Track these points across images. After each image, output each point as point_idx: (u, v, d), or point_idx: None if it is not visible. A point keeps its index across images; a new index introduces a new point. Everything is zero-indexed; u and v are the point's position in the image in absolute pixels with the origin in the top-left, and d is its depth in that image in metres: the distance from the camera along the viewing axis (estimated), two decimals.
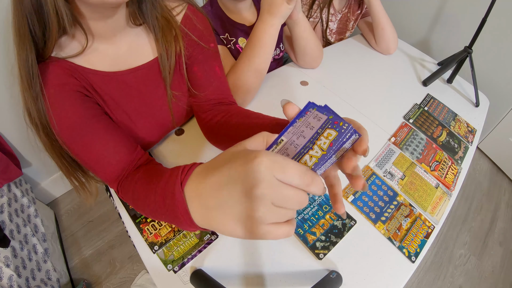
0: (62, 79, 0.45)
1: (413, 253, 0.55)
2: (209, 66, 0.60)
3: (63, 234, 1.29)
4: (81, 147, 0.47)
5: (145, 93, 0.56)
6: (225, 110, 0.61)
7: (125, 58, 0.52)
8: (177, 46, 0.54)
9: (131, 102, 0.55)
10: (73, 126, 0.45)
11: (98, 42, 0.48)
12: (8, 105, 1.01)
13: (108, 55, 0.50)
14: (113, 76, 0.51)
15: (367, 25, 1.05)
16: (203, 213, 0.29)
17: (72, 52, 0.45)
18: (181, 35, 0.54)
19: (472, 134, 0.81)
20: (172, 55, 0.54)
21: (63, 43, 0.45)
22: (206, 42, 0.59)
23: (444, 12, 1.52)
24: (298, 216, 0.57)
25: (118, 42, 0.50)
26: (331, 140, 0.27)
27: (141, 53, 0.53)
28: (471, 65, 0.92)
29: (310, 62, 0.89)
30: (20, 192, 1.07)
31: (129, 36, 0.51)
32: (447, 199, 0.65)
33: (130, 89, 0.54)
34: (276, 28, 0.67)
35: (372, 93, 0.86)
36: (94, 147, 0.47)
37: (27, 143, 1.14)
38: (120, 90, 0.52)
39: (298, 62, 0.90)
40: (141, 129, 0.58)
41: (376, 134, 0.75)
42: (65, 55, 0.45)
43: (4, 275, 0.81)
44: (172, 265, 0.51)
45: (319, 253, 0.53)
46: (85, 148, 0.47)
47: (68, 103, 0.45)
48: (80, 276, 1.18)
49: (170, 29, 0.53)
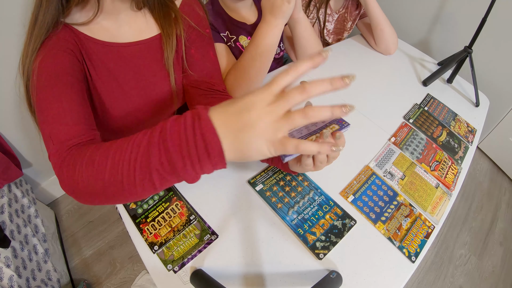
0: (62, 36, 0.49)
1: (413, 253, 0.55)
2: (205, 50, 0.64)
3: (64, 234, 1.30)
4: (46, 96, 0.46)
5: (140, 68, 0.59)
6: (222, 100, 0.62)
7: (125, 34, 0.56)
8: (177, 28, 0.58)
9: (126, 75, 0.58)
10: (52, 74, 0.47)
11: (102, 17, 0.52)
12: (8, 106, 1.01)
13: (110, 30, 0.54)
14: (112, 47, 0.55)
15: (366, 25, 1.05)
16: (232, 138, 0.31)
17: (79, 20, 0.50)
18: (180, 19, 0.59)
19: (472, 134, 0.81)
20: (173, 36, 0.58)
21: (72, 11, 0.50)
22: (203, 27, 0.63)
23: (444, 12, 1.52)
24: (298, 216, 0.57)
25: (120, 21, 0.55)
26: (333, 130, 0.35)
27: (140, 32, 0.58)
28: (471, 65, 0.92)
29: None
30: (20, 192, 1.07)
31: (130, 17, 0.57)
32: (447, 199, 0.65)
33: (126, 61, 0.57)
34: (280, 28, 0.68)
35: (372, 93, 0.86)
36: (59, 101, 0.45)
37: (27, 143, 1.14)
38: (117, 61, 0.56)
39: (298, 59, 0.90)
40: (133, 102, 0.61)
41: (376, 134, 0.75)
42: (70, 22, 0.50)
43: (5, 276, 0.81)
44: (172, 265, 0.51)
45: (319, 253, 0.53)
46: (50, 98, 0.45)
47: (59, 55, 0.48)
48: (81, 277, 1.18)
49: (169, 12, 0.58)
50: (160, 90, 0.63)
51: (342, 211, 0.59)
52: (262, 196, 0.60)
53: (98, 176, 0.36)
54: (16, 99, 1.01)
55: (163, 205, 0.58)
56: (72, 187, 0.39)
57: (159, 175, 0.33)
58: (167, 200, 0.59)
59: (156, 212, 0.57)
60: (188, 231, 0.55)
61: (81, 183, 0.37)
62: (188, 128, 0.31)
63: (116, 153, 0.35)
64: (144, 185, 0.34)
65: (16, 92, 0.53)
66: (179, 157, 0.32)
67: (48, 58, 0.47)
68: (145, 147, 0.33)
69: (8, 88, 0.97)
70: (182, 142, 0.31)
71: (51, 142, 0.43)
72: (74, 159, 0.39)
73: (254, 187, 0.61)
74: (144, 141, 0.33)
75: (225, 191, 0.60)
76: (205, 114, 0.32)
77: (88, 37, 0.52)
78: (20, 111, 1.05)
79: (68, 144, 0.42)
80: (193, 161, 0.32)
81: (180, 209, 0.58)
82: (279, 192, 0.60)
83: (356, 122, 0.76)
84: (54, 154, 0.42)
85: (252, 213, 0.58)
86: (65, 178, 0.39)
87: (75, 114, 0.45)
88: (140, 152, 0.33)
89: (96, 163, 0.36)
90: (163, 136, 0.32)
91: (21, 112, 1.06)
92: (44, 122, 0.45)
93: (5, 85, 0.96)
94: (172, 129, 0.32)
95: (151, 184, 0.34)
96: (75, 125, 0.44)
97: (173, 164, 0.32)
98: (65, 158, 0.40)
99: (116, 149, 0.35)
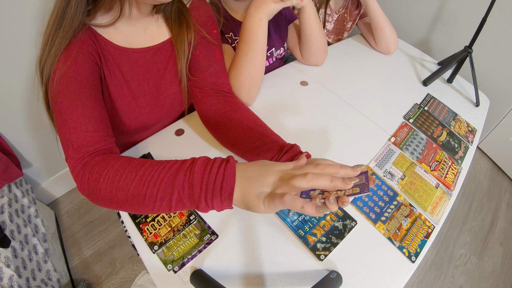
0: (83, 38, 0.50)
1: (413, 253, 0.55)
2: (210, 50, 0.64)
3: (64, 234, 1.30)
4: (67, 101, 0.47)
5: (151, 72, 0.60)
6: (228, 101, 0.64)
7: (139, 39, 0.58)
8: (189, 34, 0.60)
9: (137, 79, 0.59)
10: (73, 78, 0.48)
11: (121, 22, 0.54)
12: (8, 106, 1.01)
13: (125, 34, 0.56)
14: (126, 52, 0.56)
15: (366, 25, 1.05)
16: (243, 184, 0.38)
17: (102, 22, 0.51)
18: (193, 26, 0.60)
19: (472, 134, 0.81)
20: (185, 43, 0.60)
21: (97, 14, 0.51)
22: (209, 29, 0.64)
23: (444, 12, 1.52)
24: (299, 217, 0.57)
25: (138, 25, 0.57)
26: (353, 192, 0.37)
27: (152, 37, 0.59)
28: (471, 64, 0.92)
29: (315, 55, 0.87)
30: (20, 192, 1.07)
31: (147, 22, 0.58)
32: (447, 199, 0.65)
33: (139, 66, 0.58)
34: (265, 22, 0.68)
35: (372, 93, 0.86)
36: (81, 107, 0.47)
37: (28, 143, 1.14)
38: (130, 66, 0.57)
39: (302, 55, 0.89)
40: (142, 107, 0.62)
41: (376, 134, 0.75)
42: (89, 23, 0.51)
43: (5, 275, 0.81)
44: (172, 265, 0.51)
45: (320, 254, 0.53)
46: (71, 103, 0.47)
47: (79, 58, 0.49)
48: (81, 276, 1.18)
49: (183, 20, 0.60)
50: (168, 93, 0.64)
51: (342, 212, 0.59)
52: None
53: (123, 187, 0.40)
54: (16, 100, 1.01)
55: None
56: (92, 191, 0.43)
57: (178, 197, 0.38)
58: None
59: None
60: (188, 231, 0.55)
61: (103, 190, 0.42)
62: (215, 165, 0.38)
63: (146, 171, 0.40)
64: (162, 203, 0.39)
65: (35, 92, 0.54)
66: (199, 185, 0.37)
67: (69, 61, 0.48)
68: (174, 170, 0.39)
69: (8, 88, 0.97)
70: (205, 174, 0.37)
71: (70, 146, 0.46)
72: (100, 166, 0.43)
73: None
74: (175, 166, 0.39)
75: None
76: (233, 160, 0.39)
77: (106, 40, 0.53)
78: (20, 111, 1.05)
79: (88, 150, 0.46)
80: (207, 193, 0.37)
81: None
82: None
83: (356, 122, 0.76)
84: (73, 158, 0.45)
85: (252, 213, 0.58)
86: (85, 181, 0.43)
87: (94, 120, 0.48)
88: (168, 174, 0.39)
89: (124, 176, 0.41)
90: (192, 166, 0.39)
91: (21, 112, 1.06)
92: (64, 126, 0.47)
93: (5, 85, 0.96)
94: (202, 162, 0.39)
95: (169, 204, 0.39)
96: (94, 131, 0.47)
97: (192, 190, 0.38)
98: (87, 163, 0.44)
99: (146, 168, 0.40)
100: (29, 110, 1.06)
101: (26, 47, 0.92)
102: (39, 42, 0.49)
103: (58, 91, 0.47)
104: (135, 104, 0.61)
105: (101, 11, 0.51)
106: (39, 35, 0.50)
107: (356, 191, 0.38)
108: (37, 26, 0.89)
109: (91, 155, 0.46)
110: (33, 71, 1.05)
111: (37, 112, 1.08)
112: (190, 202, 0.38)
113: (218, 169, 0.37)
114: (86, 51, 0.50)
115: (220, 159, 0.39)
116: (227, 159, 0.39)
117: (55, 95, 0.47)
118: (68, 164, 0.46)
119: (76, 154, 0.45)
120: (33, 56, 0.95)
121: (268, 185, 0.37)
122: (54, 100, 0.47)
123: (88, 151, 0.46)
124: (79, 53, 0.49)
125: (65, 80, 0.47)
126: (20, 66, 0.95)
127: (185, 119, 0.74)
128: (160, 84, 0.62)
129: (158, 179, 0.39)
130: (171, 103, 0.66)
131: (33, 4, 0.85)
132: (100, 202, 0.44)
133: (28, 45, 0.91)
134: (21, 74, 0.97)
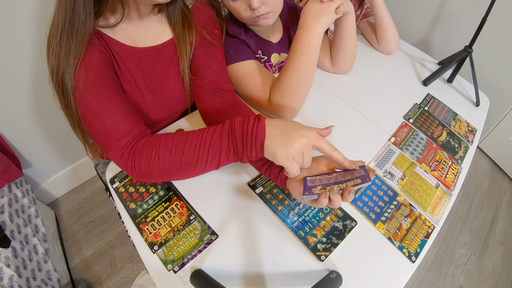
0: (93, 39, 0.52)
1: (413, 253, 0.55)
2: (211, 50, 0.65)
3: (64, 234, 1.30)
4: (97, 100, 0.50)
5: (155, 71, 0.62)
6: (228, 100, 0.65)
7: (143, 39, 0.59)
8: (190, 35, 0.61)
9: (143, 78, 0.61)
10: (94, 77, 0.50)
11: (125, 22, 0.56)
12: (8, 106, 1.01)
13: (130, 33, 0.58)
14: (131, 50, 0.58)
15: (369, 25, 1.05)
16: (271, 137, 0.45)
17: (108, 23, 0.53)
18: (195, 28, 0.62)
19: (473, 134, 0.81)
20: (187, 43, 0.61)
21: (101, 16, 0.53)
22: (211, 29, 0.65)
23: (444, 11, 1.52)
24: (299, 218, 0.57)
25: (141, 25, 0.59)
26: (355, 183, 0.42)
27: (155, 37, 0.61)
28: (471, 64, 0.92)
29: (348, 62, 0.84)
30: (20, 192, 1.07)
31: (151, 22, 0.60)
32: (447, 199, 0.65)
33: (143, 65, 0.60)
34: (322, 35, 0.64)
35: (372, 93, 0.86)
36: (110, 102, 0.51)
37: (28, 143, 1.14)
38: (136, 65, 0.59)
39: (334, 63, 0.85)
40: (148, 104, 0.63)
41: (376, 134, 0.75)
42: (98, 25, 0.53)
43: (5, 275, 0.81)
44: (172, 265, 0.51)
45: (320, 255, 0.53)
46: (101, 101, 0.50)
47: (95, 57, 0.51)
48: (81, 276, 1.18)
49: (186, 21, 0.61)
50: (171, 92, 0.65)
51: (342, 212, 0.59)
52: (262, 199, 0.59)
53: (175, 160, 0.48)
54: (16, 100, 1.01)
55: (163, 205, 0.58)
56: (145, 170, 0.50)
57: (226, 155, 0.48)
58: (167, 200, 0.59)
59: (156, 212, 0.57)
60: (188, 231, 0.55)
61: (157, 167, 0.49)
62: (249, 124, 0.46)
63: (193, 142, 0.48)
64: (212, 163, 0.48)
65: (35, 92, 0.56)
66: (240, 142, 0.46)
67: (89, 64, 0.50)
68: (217, 134, 0.47)
69: (8, 89, 0.97)
70: (243, 132, 0.46)
71: (112, 138, 0.50)
72: (146, 148, 0.50)
73: (254, 190, 0.61)
74: (216, 131, 0.47)
75: (225, 192, 0.60)
76: (263, 119, 0.47)
77: (112, 39, 0.55)
78: (20, 112, 1.05)
79: (130, 137, 0.51)
80: (246, 146, 0.46)
81: (180, 209, 0.58)
82: (279, 195, 0.60)
83: (356, 122, 0.76)
84: (118, 147, 0.50)
85: (252, 213, 0.58)
86: (136, 164, 0.50)
87: (125, 110, 0.52)
88: (213, 139, 0.47)
89: (174, 150, 0.48)
90: (232, 128, 0.47)
91: (21, 113, 1.06)
92: (97, 122, 0.50)
93: (5, 86, 0.96)
94: (239, 123, 0.47)
95: (217, 163, 0.48)
96: (128, 120, 0.52)
97: (236, 147, 0.47)
98: (133, 148, 0.50)
99: (191, 139, 0.48)
100: (29, 110, 1.07)
101: (26, 47, 0.92)
102: (44, 47, 0.50)
103: (83, 92, 0.49)
104: (141, 100, 0.62)
105: (105, 13, 0.53)
106: (42, 40, 0.50)
107: (358, 182, 0.41)
108: (37, 26, 0.89)
109: (134, 140, 0.51)
110: (33, 71, 1.06)
111: (37, 112, 1.09)
112: (235, 157, 0.48)
113: (252, 128, 0.45)
114: (98, 50, 0.52)
115: (253, 119, 0.46)
116: (259, 117, 0.46)
117: (82, 96, 0.49)
118: (113, 155, 0.51)
119: (120, 142, 0.50)
120: (33, 56, 0.95)
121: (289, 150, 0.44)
122: (81, 102, 0.50)
123: (130, 138, 0.50)
124: (93, 52, 0.51)
125: (90, 82, 0.49)
126: (21, 66, 0.95)
127: (187, 117, 0.74)
128: (163, 83, 0.64)
129: (205, 145, 0.47)
130: (175, 101, 0.67)
131: (33, 4, 0.85)
132: (153, 178, 0.53)
133: (28, 45, 0.91)
134: (22, 74, 0.97)
